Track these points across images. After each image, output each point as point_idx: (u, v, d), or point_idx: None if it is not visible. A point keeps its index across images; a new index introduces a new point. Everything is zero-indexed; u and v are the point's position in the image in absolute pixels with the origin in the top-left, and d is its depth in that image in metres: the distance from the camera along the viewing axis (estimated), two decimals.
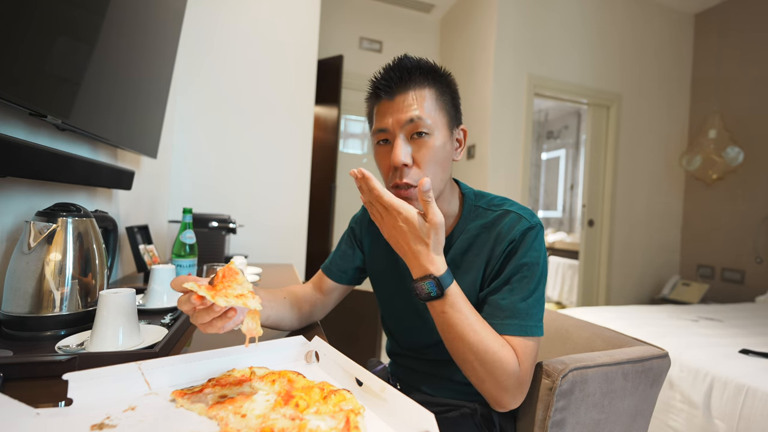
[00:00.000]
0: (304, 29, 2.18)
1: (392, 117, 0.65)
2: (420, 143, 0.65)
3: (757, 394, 1.29)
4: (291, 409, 0.43)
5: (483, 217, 0.72)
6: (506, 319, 0.62)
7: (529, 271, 0.64)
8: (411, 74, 0.66)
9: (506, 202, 0.73)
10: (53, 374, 0.49)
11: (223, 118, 2.03)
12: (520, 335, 0.61)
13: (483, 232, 0.70)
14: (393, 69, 0.67)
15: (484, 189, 3.37)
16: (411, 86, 0.66)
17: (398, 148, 0.64)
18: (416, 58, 0.68)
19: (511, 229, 0.67)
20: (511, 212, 0.69)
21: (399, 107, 0.65)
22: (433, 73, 0.68)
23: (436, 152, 0.65)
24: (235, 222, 1.61)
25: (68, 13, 0.71)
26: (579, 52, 3.17)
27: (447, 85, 0.69)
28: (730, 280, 3.19)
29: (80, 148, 0.99)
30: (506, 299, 0.63)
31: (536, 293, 0.64)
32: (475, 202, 0.75)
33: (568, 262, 4.54)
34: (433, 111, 0.66)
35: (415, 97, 0.65)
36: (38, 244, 0.65)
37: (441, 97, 0.68)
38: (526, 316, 0.62)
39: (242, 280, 0.51)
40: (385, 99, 0.66)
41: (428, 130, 0.65)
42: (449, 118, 0.69)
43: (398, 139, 0.65)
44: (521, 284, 0.64)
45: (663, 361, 0.74)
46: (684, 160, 3.42)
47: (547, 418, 0.63)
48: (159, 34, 1.26)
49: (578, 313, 2.12)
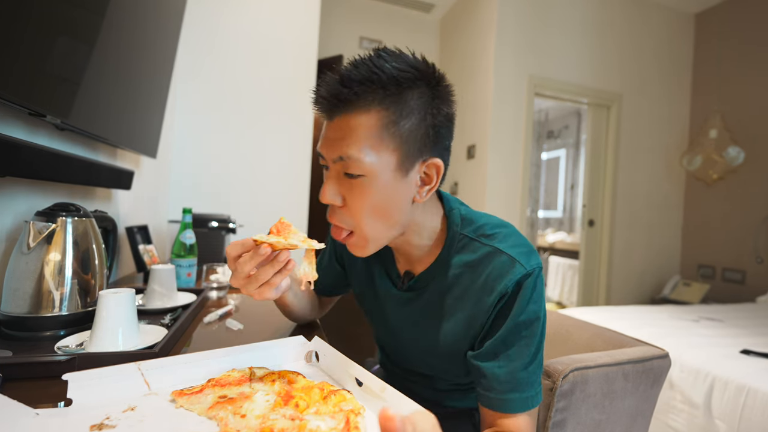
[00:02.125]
0: (303, 28, 2.18)
1: (325, 146, 0.53)
2: (351, 185, 0.52)
3: (758, 394, 1.29)
4: (291, 410, 0.43)
5: (469, 250, 0.58)
6: (507, 394, 0.52)
7: (529, 331, 0.54)
8: (356, 90, 0.49)
9: (498, 233, 0.58)
10: (53, 374, 0.49)
11: (223, 117, 2.03)
12: (524, 411, 0.53)
13: (467, 271, 0.58)
14: (329, 83, 0.51)
15: (484, 189, 3.32)
16: (353, 108, 0.50)
17: (325, 186, 0.54)
18: (380, 62, 0.50)
19: (501, 276, 0.54)
20: (503, 254, 0.55)
21: (332, 135, 0.52)
22: (396, 87, 0.50)
23: (371, 199, 0.52)
24: (235, 222, 1.61)
25: (68, 12, 0.71)
26: (579, 51, 3.17)
27: (423, 102, 0.52)
28: (730, 280, 3.19)
29: (80, 148, 0.99)
30: (504, 368, 0.53)
31: (538, 355, 0.54)
32: (461, 228, 0.60)
33: (568, 262, 4.54)
34: (377, 145, 0.50)
35: (353, 127, 0.50)
36: (38, 244, 0.65)
37: (398, 123, 0.50)
38: (528, 385, 0.53)
39: (296, 230, 0.54)
40: (325, 118, 0.54)
41: (362, 172, 0.51)
42: (406, 152, 0.52)
43: (329, 173, 0.54)
44: (520, 348, 0.53)
45: (663, 361, 0.74)
46: (684, 160, 3.42)
47: (548, 418, 0.63)
48: (159, 33, 1.26)
49: (578, 313, 2.11)
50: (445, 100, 0.55)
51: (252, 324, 0.81)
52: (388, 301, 0.68)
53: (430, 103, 0.52)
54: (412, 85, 0.51)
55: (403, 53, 0.53)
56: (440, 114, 0.54)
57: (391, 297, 0.67)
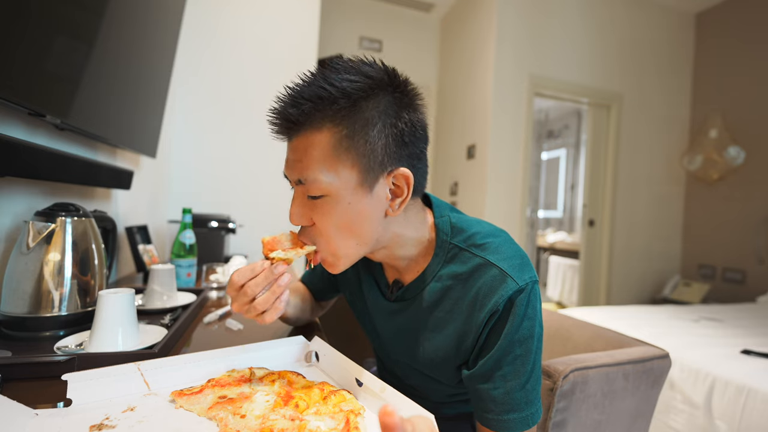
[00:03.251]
0: (304, 28, 2.18)
1: (286, 168, 0.53)
2: (315, 205, 0.51)
3: (758, 394, 1.29)
4: (291, 410, 0.42)
5: (458, 261, 0.56)
6: (504, 414, 0.51)
7: (523, 348, 0.51)
8: (303, 110, 0.48)
9: (489, 243, 0.55)
10: (52, 375, 0.49)
11: (222, 117, 2.02)
12: (523, 430, 0.51)
13: (457, 284, 0.55)
14: (282, 101, 0.50)
15: (484, 189, 3.32)
16: (305, 128, 0.49)
17: (292, 208, 0.53)
18: (327, 75, 0.49)
19: (492, 292, 0.51)
20: (494, 267, 0.53)
21: (291, 157, 0.51)
22: (346, 101, 0.48)
23: (337, 218, 0.51)
24: (235, 222, 1.61)
25: (67, 12, 0.71)
26: (579, 51, 3.17)
27: (382, 110, 0.49)
28: (731, 280, 3.19)
29: (79, 147, 0.99)
30: (500, 389, 0.51)
31: (534, 373, 0.52)
32: (451, 238, 0.58)
33: (568, 262, 4.54)
34: (333, 164, 0.49)
35: (306, 147, 0.49)
36: (37, 244, 0.64)
37: (355, 137, 0.48)
38: (527, 404, 0.51)
39: (280, 237, 0.55)
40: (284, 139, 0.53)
41: (322, 193, 0.50)
42: (366, 166, 0.49)
43: (294, 195, 0.53)
44: (515, 367, 0.51)
45: (664, 361, 0.74)
46: (685, 160, 3.42)
47: (548, 419, 0.63)
48: (158, 33, 1.26)
49: (578, 313, 2.11)
50: (409, 106, 0.52)
51: (252, 324, 0.81)
52: (377, 311, 0.66)
53: (389, 112, 0.50)
54: (367, 95, 0.49)
55: (360, 62, 0.51)
56: (401, 121, 0.50)
57: (379, 307, 0.66)
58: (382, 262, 0.63)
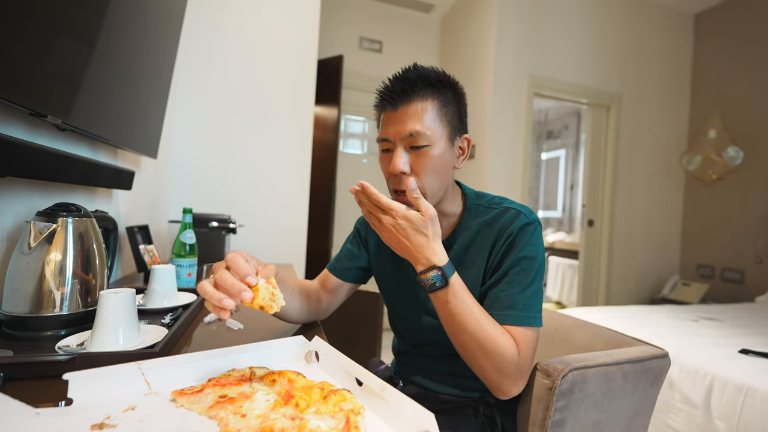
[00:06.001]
0: (304, 29, 2.18)
1: (393, 128, 0.68)
2: (418, 153, 0.68)
3: (757, 394, 1.29)
4: (291, 409, 0.43)
5: (484, 214, 0.75)
6: (505, 310, 0.65)
7: (527, 264, 0.67)
8: (414, 86, 0.67)
9: (506, 200, 0.76)
10: (53, 374, 0.49)
11: (223, 117, 2.03)
12: (519, 325, 0.64)
13: (484, 228, 0.73)
14: (397, 80, 0.69)
15: (484, 189, 3.38)
16: (414, 98, 0.67)
17: (397, 157, 0.67)
18: (423, 69, 0.69)
19: (510, 223, 0.70)
20: (511, 209, 0.73)
21: (401, 119, 0.67)
22: (438, 84, 0.69)
23: (433, 162, 0.68)
24: (235, 222, 1.62)
25: (68, 13, 0.71)
26: (579, 51, 3.17)
27: (453, 96, 0.71)
28: (730, 280, 3.19)
29: (80, 148, 0.99)
30: (505, 291, 0.66)
31: (534, 285, 0.67)
32: (477, 201, 0.78)
33: (568, 262, 4.54)
34: (434, 123, 0.67)
35: (417, 110, 0.67)
36: (38, 244, 0.65)
37: (444, 108, 0.69)
38: (525, 307, 0.65)
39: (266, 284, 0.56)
40: (390, 110, 0.69)
41: (427, 142, 0.67)
42: (451, 128, 0.70)
43: (398, 149, 0.68)
44: (519, 276, 0.66)
45: (663, 361, 0.74)
46: (684, 160, 3.42)
47: (547, 417, 0.63)
48: (159, 33, 1.26)
49: (578, 313, 2.11)
50: (464, 97, 0.74)
51: (252, 324, 0.82)
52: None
53: (456, 99, 0.71)
54: (446, 84, 0.70)
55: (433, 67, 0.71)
56: (461, 106, 0.73)
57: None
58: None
